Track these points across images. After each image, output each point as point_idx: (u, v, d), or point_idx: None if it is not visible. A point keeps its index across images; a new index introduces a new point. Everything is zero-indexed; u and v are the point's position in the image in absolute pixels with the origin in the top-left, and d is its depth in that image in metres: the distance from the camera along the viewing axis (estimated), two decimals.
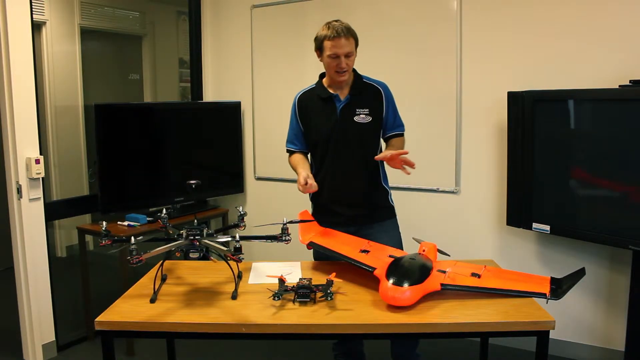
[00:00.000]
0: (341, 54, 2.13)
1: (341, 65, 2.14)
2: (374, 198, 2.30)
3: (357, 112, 2.22)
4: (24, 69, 2.72)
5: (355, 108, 2.22)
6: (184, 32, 4.01)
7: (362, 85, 2.26)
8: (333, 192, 2.27)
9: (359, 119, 2.22)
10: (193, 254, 1.70)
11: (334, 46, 2.12)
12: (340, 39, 2.11)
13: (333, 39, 2.12)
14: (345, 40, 2.12)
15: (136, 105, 3.76)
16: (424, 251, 1.94)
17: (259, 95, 3.70)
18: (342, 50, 2.12)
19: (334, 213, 2.28)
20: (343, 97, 2.24)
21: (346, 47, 2.13)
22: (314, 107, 2.29)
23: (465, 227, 3.08)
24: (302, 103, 2.34)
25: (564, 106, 2.56)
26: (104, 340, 1.65)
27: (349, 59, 2.16)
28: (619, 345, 2.70)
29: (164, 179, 3.36)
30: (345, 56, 2.14)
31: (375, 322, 1.61)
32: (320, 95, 2.27)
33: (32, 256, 2.82)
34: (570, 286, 1.75)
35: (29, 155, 2.77)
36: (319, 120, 2.27)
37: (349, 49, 2.14)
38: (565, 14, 2.70)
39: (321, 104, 2.27)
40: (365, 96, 2.25)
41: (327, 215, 2.30)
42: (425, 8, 3.03)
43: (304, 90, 2.37)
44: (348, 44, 2.13)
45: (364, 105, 2.23)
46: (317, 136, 2.27)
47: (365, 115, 2.22)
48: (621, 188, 2.37)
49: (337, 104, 2.23)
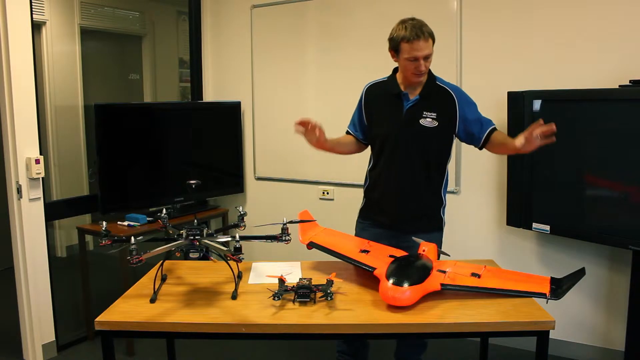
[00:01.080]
0: (420, 57, 2.03)
1: (420, 68, 2.06)
2: (425, 206, 2.23)
3: (423, 115, 2.13)
4: (24, 69, 2.72)
5: (422, 110, 2.14)
6: (184, 32, 4.02)
7: (434, 87, 2.17)
8: (385, 191, 2.23)
9: (425, 122, 2.13)
10: (193, 254, 1.69)
11: (413, 49, 2.02)
12: (419, 41, 2.01)
13: (412, 42, 2.01)
14: (424, 43, 2.02)
15: (136, 105, 3.76)
16: (424, 251, 1.94)
17: (259, 95, 3.70)
18: (422, 53, 2.03)
19: (382, 212, 2.25)
20: (412, 97, 2.16)
21: (425, 49, 2.03)
22: (381, 100, 2.22)
23: (465, 227, 3.08)
24: (369, 95, 2.28)
25: (564, 106, 2.56)
26: (104, 340, 1.65)
27: (428, 61, 2.07)
28: (619, 345, 2.70)
29: (164, 179, 3.35)
30: (424, 58, 2.05)
31: (375, 322, 1.60)
32: (389, 90, 2.20)
33: (32, 256, 2.82)
34: (570, 286, 1.75)
35: (29, 155, 2.77)
36: (383, 115, 2.21)
37: (428, 51, 2.04)
38: (565, 14, 2.70)
39: (389, 99, 2.19)
40: (435, 99, 2.15)
41: (376, 213, 2.28)
42: (425, 8, 3.03)
43: (375, 81, 2.30)
44: (427, 46, 2.04)
45: (432, 108, 2.14)
46: (379, 131, 2.22)
47: (432, 120, 2.13)
48: (621, 188, 2.37)
49: (404, 103, 2.16)
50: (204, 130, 3.56)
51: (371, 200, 2.32)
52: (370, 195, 2.32)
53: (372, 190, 2.30)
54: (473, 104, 2.21)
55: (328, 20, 3.38)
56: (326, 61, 3.42)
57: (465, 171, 3.04)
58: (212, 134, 3.61)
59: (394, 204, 2.22)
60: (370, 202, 2.33)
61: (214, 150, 3.63)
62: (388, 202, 2.24)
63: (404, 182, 2.19)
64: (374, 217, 2.30)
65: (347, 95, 3.36)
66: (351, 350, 2.37)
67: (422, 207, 2.22)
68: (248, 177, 3.82)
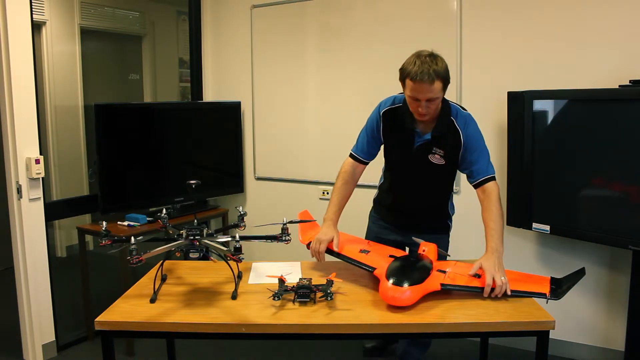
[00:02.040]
0: (422, 98, 1.91)
1: (421, 110, 1.95)
2: (432, 222, 2.32)
3: (433, 151, 2.09)
4: (24, 69, 2.72)
5: (432, 147, 2.09)
6: (184, 32, 4.01)
7: (446, 125, 2.05)
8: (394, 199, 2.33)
9: (434, 159, 2.10)
10: (193, 254, 1.70)
11: (415, 89, 1.89)
12: (422, 84, 1.86)
13: (415, 81, 1.87)
14: (428, 86, 1.86)
15: (136, 105, 3.76)
16: (424, 251, 1.94)
17: (259, 95, 3.70)
18: (424, 95, 1.89)
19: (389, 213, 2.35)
20: (424, 134, 2.09)
21: (429, 93, 1.88)
22: (395, 127, 2.15)
23: (465, 227, 3.08)
24: (386, 119, 2.16)
25: (564, 106, 2.56)
26: (104, 340, 1.65)
27: (432, 103, 1.94)
28: (619, 345, 2.70)
29: (164, 179, 3.35)
30: (427, 100, 1.92)
31: (375, 322, 1.61)
32: (403, 122, 2.10)
33: (32, 256, 2.82)
34: (570, 286, 1.76)
35: (29, 155, 2.77)
36: (395, 144, 2.19)
37: (431, 95, 1.89)
38: (566, 14, 2.70)
39: (402, 128, 2.11)
40: (445, 138, 2.07)
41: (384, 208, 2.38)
42: (425, 8, 3.03)
43: (391, 106, 2.15)
44: (431, 89, 1.88)
45: (442, 146, 2.08)
46: (390, 156, 2.26)
47: (440, 157, 2.09)
48: (621, 188, 2.37)
49: (416, 139, 2.10)
50: (204, 130, 3.56)
51: (382, 198, 2.41)
52: (382, 192, 2.41)
53: (384, 190, 2.39)
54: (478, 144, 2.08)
55: (328, 20, 3.38)
56: (326, 61, 3.41)
57: None
58: (212, 134, 3.61)
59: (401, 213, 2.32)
60: (381, 198, 2.42)
61: (214, 150, 3.63)
62: (396, 209, 2.33)
63: (411, 204, 2.28)
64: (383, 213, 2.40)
65: (347, 95, 3.37)
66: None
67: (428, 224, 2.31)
68: (248, 177, 3.82)
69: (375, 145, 2.22)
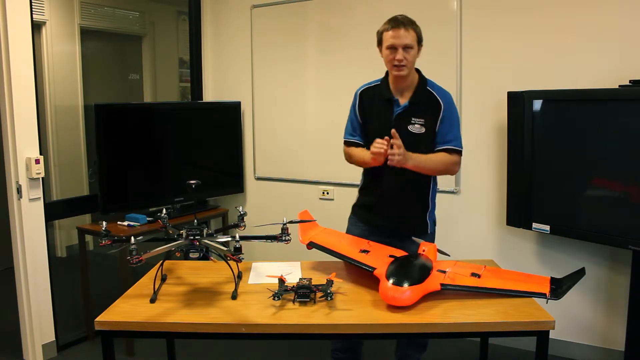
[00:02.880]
0: (399, 45, 2.05)
1: (398, 57, 2.05)
2: (414, 212, 2.26)
3: (412, 121, 2.14)
4: (24, 69, 2.72)
5: (411, 116, 2.14)
6: (184, 32, 4.01)
7: (424, 93, 2.17)
8: (375, 193, 2.27)
9: (413, 128, 2.14)
10: (193, 254, 1.69)
11: (392, 37, 2.06)
12: (399, 29, 2.05)
13: (392, 29, 2.06)
14: (404, 32, 2.05)
15: (136, 105, 3.76)
16: (424, 251, 1.94)
17: (259, 95, 3.70)
18: (400, 41, 2.05)
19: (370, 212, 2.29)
20: (402, 103, 2.17)
21: (405, 38, 2.05)
22: (373, 104, 2.23)
23: (465, 227, 3.08)
24: (362, 99, 2.28)
25: (564, 106, 2.56)
26: (104, 340, 1.65)
27: (408, 53, 2.07)
28: (619, 345, 2.70)
29: (164, 179, 3.35)
30: (404, 48, 2.05)
31: (375, 322, 1.61)
32: (381, 95, 2.21)
33: (32, 256, 2.82)
34: (570, 286, 1.75)
35: (29, 155, 2.77)
36: (375, 120, 2.22)
37: (407, 41, 2.05)
38: (565, 14, 2.70)
39: (381, 103, 2.20)
40: (424, 106, 2.16)
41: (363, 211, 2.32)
42: (425, 8, 3.03)
43: (367, 85, 2.30)
44: (408, 35, 2.05)
45: (421, 114, 2.14)
46: (372, 135, 2.21)
47: (420, 126, 2.14)
48: (621, 188, 2.37)
49: (395, 108, 2.17)
50: (204, 130, 3.56)
51: (362, 199, 2.37)
52: (362, 194, 2.37)
53: (364, 189, 2.36)
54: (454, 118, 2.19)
55: (328, 20, 3.38)
56: (326, 61, 3.42)
57: (465, 171, 3.04)
58: (212, 134, 3.60)
59: (382, 206, 2.26)
60: (361, 200, 2.38)
61: (214, 150, 3.63)
62: (377, 204, 2.27)
63: (392, 186, 2.22)
64: (364, 215, 2.33)
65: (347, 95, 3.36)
66: (346, 347, 2.38)
67: (409, 211, 2.25)
68: (248, 177, 3.82)
69: (360, 127, 2.29)
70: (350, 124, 2.34)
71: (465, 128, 3.01)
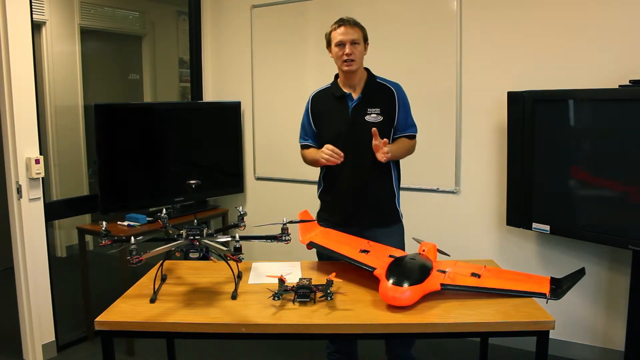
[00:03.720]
0: (346, 40, 2.17)
1: (347, 51, 2.17)
2: (380, 201, 2.29)
3: (368, 112, 2.22)
4: (24, 69, 2.72)
5: (366, 107, 2.23)
6: (184, 32, 4.02)
7: (374, 84, 2.28)
8: (339, 191, 2.28)
9: (370, 118, 2.22)
10: (193, 254, 1.69)
11: (340, 33, 2.19)
12: (344, 26, 2.19)
13: (339, 27, 2.20)
14: (350, 29, 2.18)
15: (136, 105, 3.76)
16: (424, 251, 1.94)
17: (259, 95, 3.70)
18: (348, 37, 2.17)
19: (338, 212, 2.29)
20: (355, 96, 2.25)
21: (351, 34, 2.18)
22: (327, 105, 2.31)
23: (465, 227, 3.08)
24: (315, 102, 2.35)
25: (563, 106, 2.56)
26: (104, 340, 1.65)
27: (356, 48, 2.19)
28: (619, 345, 2.70)
29: (164, 179, 3.35)
30: (352, 43, 2.17)
31: (375, 322, 1.60)
32: (333, 94, 2.29)
33: (32, 256, 2.82)
34: (570, 286, 1.75)
35: (29, 155, 2.77)
36: (331, 119, 2.28)
37: (354, 37, 2.18)
38: (565, 14, 2.70)
39: (334, 103, 2.28)
40: (377, 96, 2.25)
41: (331, 214, 2.31)
42: (425, 8, 3.03)
43: (319, 89, 2.39)
44: (353, 32, 2.19)
45: (376, 104, 2.23)
46: (329, 134, 2.26)
47: (377, 115, 2.22)
48: (621, 188, 2.37)
49: (349, 103, 2.25)
50: (204, 130, 3.56)
51: (326, 203, 2.38)
52: (325, 198, 2.38)
53: (326, 193, 2.36)
54: (407, 103, 2.31)
55: (328, 20, 3.36)
56: (326, 61, 3.40)
57: (465, 171, 3.04)
58: (212, 134, 3.60)
59: (348, 202, 2.27)
60: (325, 204, 2.38)
61: (214, 150, 3.63)
62: (342, 201, 2.29)
63: (357, 179, 2.24)
64: (330, 218, 2.32)
65: None
66: (340, 347, 2.39)
67: (376, 202, 2.28)
68: (248, 177, 3.82)
69: (311, 131, 2.35)
70: (302, 128, 2.40)
71: (466, 128, 3.03)
